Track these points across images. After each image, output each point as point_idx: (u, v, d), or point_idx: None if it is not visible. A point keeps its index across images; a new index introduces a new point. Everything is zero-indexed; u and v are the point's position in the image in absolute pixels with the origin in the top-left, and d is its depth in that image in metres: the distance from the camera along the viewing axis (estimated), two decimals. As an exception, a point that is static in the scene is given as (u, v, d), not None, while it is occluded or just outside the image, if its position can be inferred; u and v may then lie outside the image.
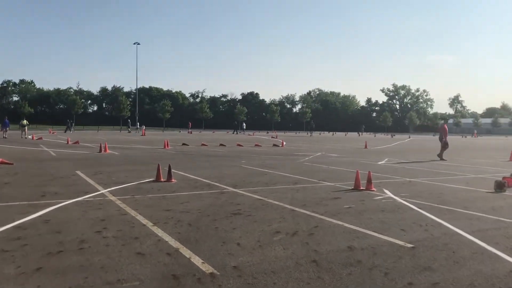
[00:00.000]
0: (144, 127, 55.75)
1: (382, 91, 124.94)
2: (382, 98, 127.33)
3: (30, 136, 32.96)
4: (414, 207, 7.42)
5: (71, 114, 75.42)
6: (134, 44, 74.35)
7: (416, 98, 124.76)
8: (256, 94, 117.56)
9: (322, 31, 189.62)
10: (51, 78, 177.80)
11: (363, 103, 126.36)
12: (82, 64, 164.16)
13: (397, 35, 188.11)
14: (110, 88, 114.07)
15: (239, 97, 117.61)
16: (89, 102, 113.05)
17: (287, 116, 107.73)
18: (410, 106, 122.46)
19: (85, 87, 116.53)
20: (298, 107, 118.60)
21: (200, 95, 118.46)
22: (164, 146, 23.36)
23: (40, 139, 30.48)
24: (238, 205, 7.36)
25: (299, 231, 5.63)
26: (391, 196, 8.53)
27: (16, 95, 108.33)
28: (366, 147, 27.43)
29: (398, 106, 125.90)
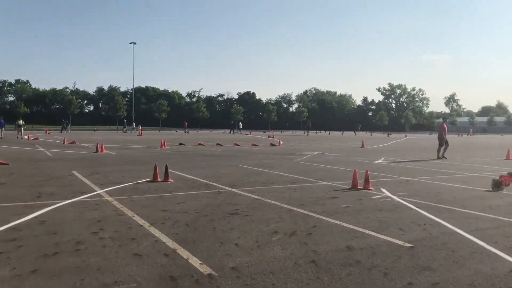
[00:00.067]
0: (140, 127, 55.69)
1: (378, 90, 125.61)
2: (378, 97, 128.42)
3: (26, 136, 32.79)
4: (412, 206, 7.40)
5: (67, 114, 75.25)
6: (130, 43, 74.49)
7: (412, 97, 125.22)
8: (253, 93, 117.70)
9: (318, 31, 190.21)
10: (47, 78, 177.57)
11: (359, 102, 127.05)
12: (78, 64, 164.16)
13: (392, 34, 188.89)
14: (106, 88, 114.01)
15: (236, 96, 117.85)
16: (85, 102, 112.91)
17: (283, 116, 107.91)
18: (406, 105, 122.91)
19: (81, 87, 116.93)
20: (294, 107, 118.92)
21: (196, 95, 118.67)
22: (161, 146, 23.30)
23: (36, 139, 30.35)
24: (235, 205, 7.32)
25: (297, 231, 5.60)
26: (389, 195, 8.51)
27: (12, 95, 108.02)
28: (362, 146, 27.46)
29: (394, 105, 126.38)
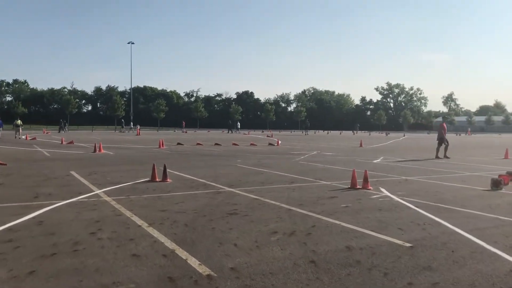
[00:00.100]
0: (138, 127, 55.57)
1: (377, 89, 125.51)
2: (376, 97, 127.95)
3: (23, 136, 32.69)
4: (411, 205, 7.38)
5: (65, 114, 75.11)
6: (128, 43, 74.21)
7: (410, 96, 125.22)
8: (251, 93, 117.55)
9: (318, 31, 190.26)
10: (45, 78, 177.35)
11: (357, 101, 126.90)
12: (76, 64, 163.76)
13: (392, 34, 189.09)
14: (104, 87, 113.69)
15: (234, 96, 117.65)
16: (83, 102, 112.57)
17: (282, 115, 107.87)
18: (404, 105, 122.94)
19: (79, 87, 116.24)
20: (293, 106, 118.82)
21: (194, 95, 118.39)
22: (159, 146, 23.25)
23: (34, 139, 30.25)
24: (234, 205, 7.29)
25: (296, 231, 5.57)
26: (388, 194, 8.50)
27: (10, 95, 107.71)
28: (361, 145, 27.43)
29: (392, 105, 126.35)
